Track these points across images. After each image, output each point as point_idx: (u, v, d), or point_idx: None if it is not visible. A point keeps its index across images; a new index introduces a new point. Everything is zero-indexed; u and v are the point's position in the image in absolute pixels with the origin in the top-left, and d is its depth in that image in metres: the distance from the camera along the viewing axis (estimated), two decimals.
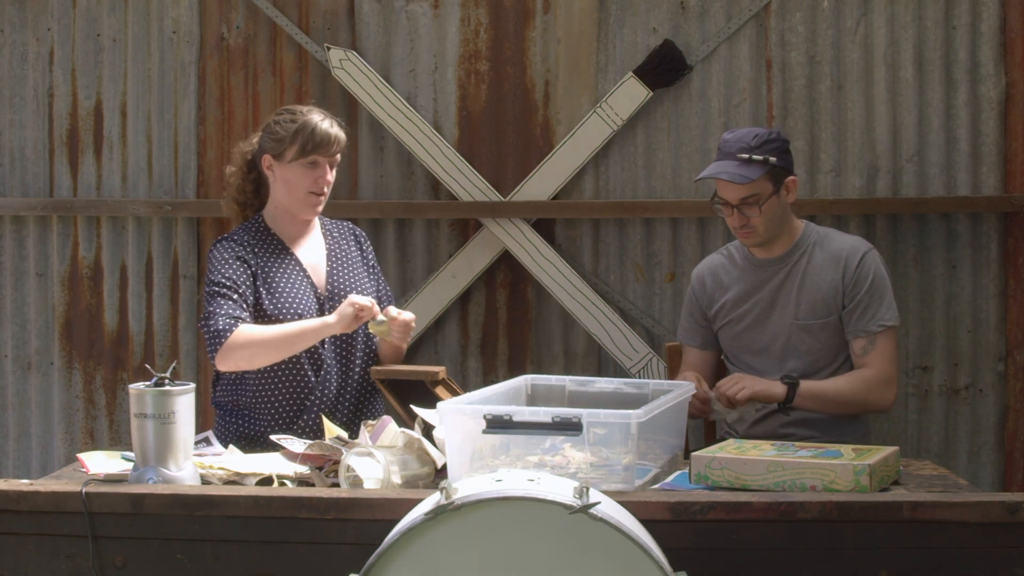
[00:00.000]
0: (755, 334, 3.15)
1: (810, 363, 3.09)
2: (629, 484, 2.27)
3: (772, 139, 3.06)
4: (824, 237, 3.15)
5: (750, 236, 3.09)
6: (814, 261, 3.11)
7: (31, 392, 4.21)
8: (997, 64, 3.90)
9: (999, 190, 3.91)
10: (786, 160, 3.08)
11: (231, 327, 2.87)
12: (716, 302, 3.21)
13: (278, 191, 3.05)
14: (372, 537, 1.98)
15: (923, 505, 2.12)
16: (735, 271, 3.21)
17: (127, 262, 4.16)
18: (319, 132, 2.99)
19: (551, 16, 4.02)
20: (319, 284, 3.06)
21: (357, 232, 3.24)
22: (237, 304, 2.92)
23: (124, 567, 2.21)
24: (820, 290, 3.08)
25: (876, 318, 3.05)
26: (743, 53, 3.97)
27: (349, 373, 3.04)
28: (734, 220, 3.07)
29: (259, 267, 3.00)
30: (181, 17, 4.11)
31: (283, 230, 3.09)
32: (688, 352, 3.31)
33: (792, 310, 3.10)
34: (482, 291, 4.08)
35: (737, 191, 3.03)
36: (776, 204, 3.06)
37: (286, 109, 3.09)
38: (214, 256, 3.00)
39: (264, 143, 3.05)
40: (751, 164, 3.01)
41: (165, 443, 2.34)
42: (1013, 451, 3.95)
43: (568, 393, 2.78)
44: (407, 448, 2.44)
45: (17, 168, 4.19)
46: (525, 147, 4.04)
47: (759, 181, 3.02)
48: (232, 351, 2.86)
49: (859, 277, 3.06)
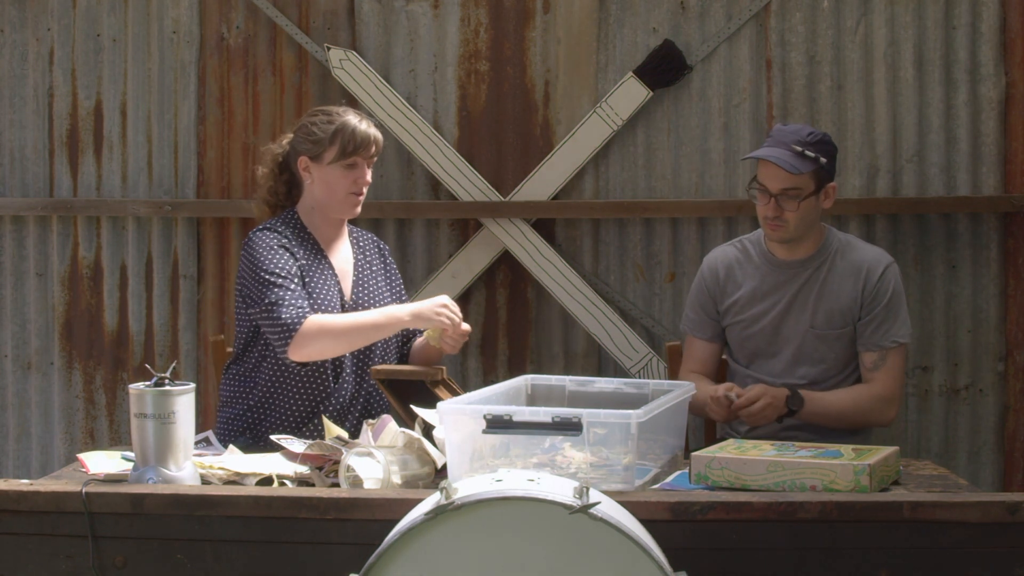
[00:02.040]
0: (768, 336, 3.12)
1: (822, 371, 3.07)
2: (629, 484, 2.27)
3: (826, 141, 3.05)
4: (846, 245, 3.12)
5: (779, 230, 3.04)
6: (835, 270, 3.08)
7: (31, 392, 4.21)
8: (997, 64, 3.90)
9: (999, 190, 3.91)
10: (832, 166, 3.06)
11: (300, 317, 2.83)
12: (728, 296, 3.17)
13: (316, 191, 3.02)
14: (372, 537, 1.98)
15: (923, 505, 2.12)
16: (750, 267, 3.17)
17: (127, 262, 4.16)
18: (359, 134, 2.97)
19: (551, 16, 4.02)
20: (346, 291, 3.04)
21: (382, 245, 3.23)
22: (297, 293, 2.87)
23: (124, 567, 2.21)
24: (839, 300, 3.06)
25: (890, 334, 3.04)
26: (743, 53, 3.97)
27: (363, 380, 3.03)
28: (768, 209, 3.02)
29: (298, 259, 2.97)
30: (181, 17, 4.11)
31: (318, 230, 3.06)
32: (694, 344, 3.25)
33: (808, 317, 3.07)
34: (482, 291, 4.08)
35: (782, 180, 2.99)
36: (813, 205, 3.03)
37: (320, 110, 3.05)
38: (259, 245, 2.94)
39: (299, 145, 3.02)
40: (803, 158, 2.98)
41: (165, 443, 2.33)
42: (1013, 451, 3.95)
43: (568, 393, 2.78)
44: (407, 448, 2.45)
45: (17, 168, 4.19)
46: (525, 147, 4.04)
47: (806, 176, 2.99)
48: (306, 342, 2.82)
49: (879, 291, 3.04)
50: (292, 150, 3.05)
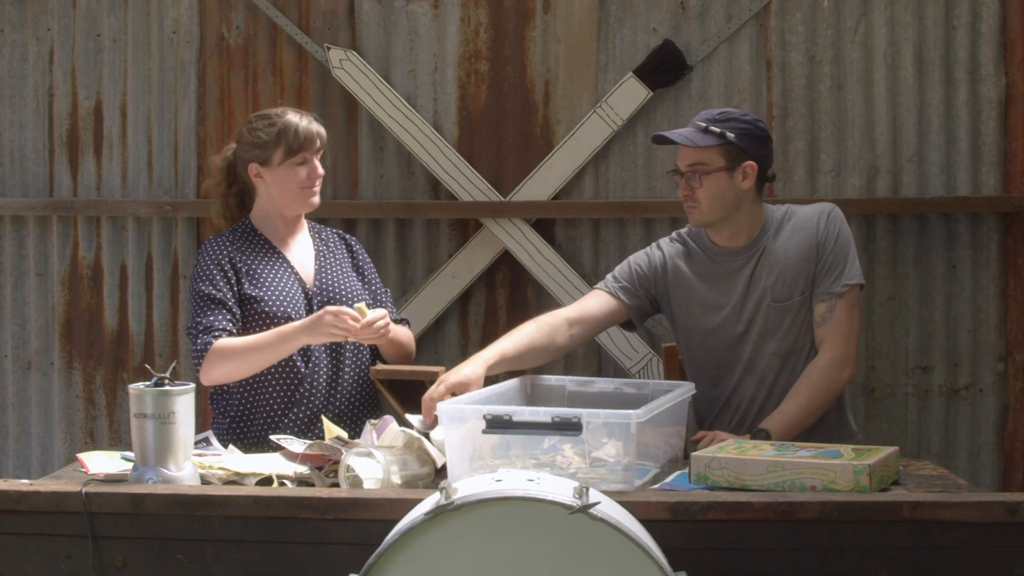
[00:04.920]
0: (731, 327, 3.01)
1: (791, 344, 2.96)
2: (629, 484, 2.27)
3: (739, 119, 2.97)
4: (787, 214, 3.04)
5: (693, 211, 2.98)
6: (781, 237, 3.00)
7: (31, 392, 4.21)
8: (997, 64, 3.90)
9: (999, 190, 3.91)
10: (748, 144, 2.95)
11: (207, 344, 2.91)
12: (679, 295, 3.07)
13: (271, 194, 3.08)
14: (372, 537, 1.98)
15: (923, 505, 2.12)
16: (695, 263, 3.07)
17: (127, 262, 4.16)
18: (301, 131, 3.05)
19: (551, 16, 4.02)
20: (307, 281, 3.08)
21: (347, 238, 3.27)
22: (213, 318, 2.95)
23: (124, 567, 2.21)
24: (793, 265, 2.97)
25: (840, 279, 2.94)
26: (743, 53, 3.97)
27: (340, 366, 3.05)
28: (681, 190, 2.99)
29: (245, 264, 3.03)
30: (181, 17, 4.11)
31: (271, 232, 3.12)
32: (600, 297, 3.08)
33: (768, 291, 2.98)
34: (482, 291, 4.08)
35: (687, 155, 2.96)
36: (725, 182, 2.94)
37: (259, 116, 3.11)
38: (201, 260, 3.04)
39: (246, 153, 3.08)
40: (706, 133, 2.94)
41: (165, 443, 2.34)
42: (1013, 451, 3.95)
43: (568, 393, 2.78)
44: (407, 448, 2.45)
45: (17, 168, 4.19)
46: (525, 147, 4.04)
47: (709, 150, 2.93)
48: (212, 366, 2.91)
49: (826, 237, 2.96)
50: (239, 160, 3.11)
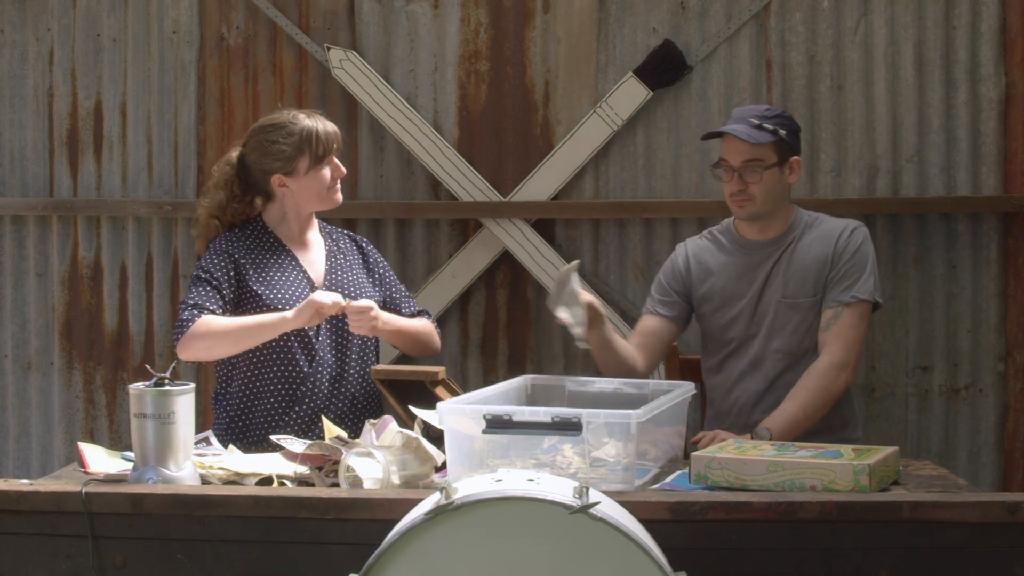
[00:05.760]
0: (748, 319, 3.09)
1: (796, 342, 3.04)
2: (629, 484, 2.27)
3: (785, 116, 3.08)
4: (816, 220, 3.13)
5: (745, 205, 3.05)
6: (805, 240, 3.08)
7: (31, 392, 4.21)
8: (997, 64, 3.90)
9: (999, 190, 3.91)
10: (794, 140, 3.08)
11: (194, 317, 2.91)
12: (703, 284, 3.16)
13: (298, 199, 3.07)
14: (372, 537, 1.98)
15: (923, 505, 2.12)
16: (722, 255, 3.16)
17: (127, 262, 4.16)
18: (322, 135, 3.05)
19: (551, 16, 4.02)
20: (316, 280, 3.08)
21: (358, 239, 3.27)
22: (207, 295, 2.95)
23: (124, 567, 2.22)
24: (809, 267, 3.05)
25: (851, 289, 3.00)
26: (743, 53, 3.97)
27: (345, 366, 3.05)
28: (733, 185, 3.03)
29: (252, 262, 3.03)
30: (181, 17, 4.11)
31: (284, 232, 3.12)
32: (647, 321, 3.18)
33: (781, 288, 3.06)
34: (482, 291, 4.08)
35: (743, 152, 3.01)
36: (777, 177, 3.04)
37: (272, 126, 3.06)
38: (207, 252, 3.06)
39: (267, 166, 3.05)
40: (761, 130, 3.02)
41: (165, 443, 2.34)
42: (1013, 451, 3.95)
43: (568, 393, 2.78)
44: (406, 448, 2.44)
45: (17, 168, 4.19)
46: (525, 147, 4.04)
47: (766, 147, 3.01)
48: (192, 341, 2.90)
49: (847, 248, 3.03)
50: (257, 172, 3.07)
